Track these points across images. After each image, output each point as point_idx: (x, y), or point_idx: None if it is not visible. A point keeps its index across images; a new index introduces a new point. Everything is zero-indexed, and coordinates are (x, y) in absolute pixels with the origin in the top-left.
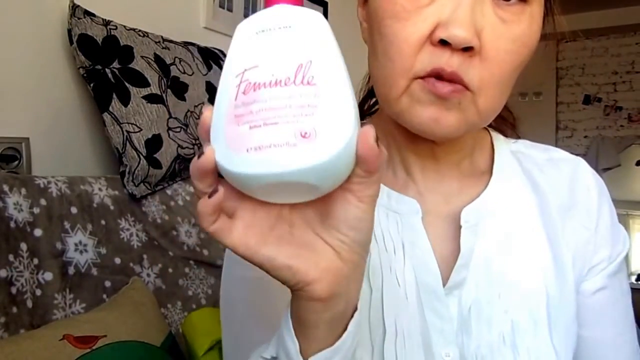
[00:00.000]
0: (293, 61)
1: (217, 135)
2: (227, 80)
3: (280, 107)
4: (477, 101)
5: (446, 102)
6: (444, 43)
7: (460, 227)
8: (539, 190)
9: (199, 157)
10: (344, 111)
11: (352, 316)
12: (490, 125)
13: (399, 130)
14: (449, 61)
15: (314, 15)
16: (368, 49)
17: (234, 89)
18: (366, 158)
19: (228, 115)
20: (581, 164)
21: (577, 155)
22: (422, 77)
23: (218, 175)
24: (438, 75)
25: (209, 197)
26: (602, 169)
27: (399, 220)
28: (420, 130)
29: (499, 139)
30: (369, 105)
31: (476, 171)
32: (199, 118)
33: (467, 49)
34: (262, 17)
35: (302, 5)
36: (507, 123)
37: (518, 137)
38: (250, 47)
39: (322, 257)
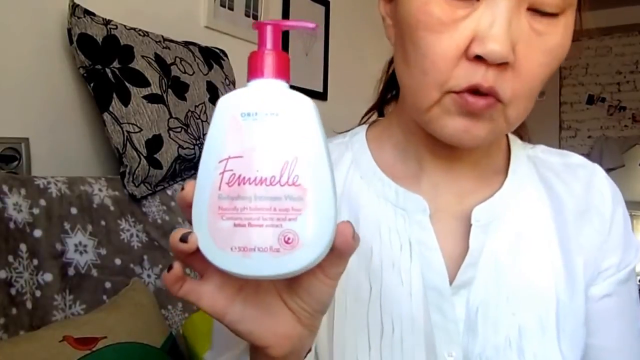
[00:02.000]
0: (279, 158)
1: (200, 220)
2: (210, 163)
3: (264, 209)
4: (506, 112)
5: (478, 115)
6: (479, 58)
7: (470, 226)
8: (554, 194)
9: (181, 239)
10: (326, 214)
11: (305, 357)
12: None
13: (419, 129)
14: (485, 76)
15: (302, 101)
16: (395, 51)
17: (217, 175)
18: (342, 250)
19: (211, 205)
20: (597, 170)
21: (580, 155)
22: (456, 92)
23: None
24: (475, 91)
25: (167, 270)
26: (605, 170)
27: (406, 217)
28: (449, 140)
29: (516, 142)
30: (388, 97)
31: (491, 172)
32: (199, 118)
33: (502, 63)
34: (247, 97)
35: (289, 79)
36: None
37: (528, 137)
38: (234, 132)
39: (282, 324)
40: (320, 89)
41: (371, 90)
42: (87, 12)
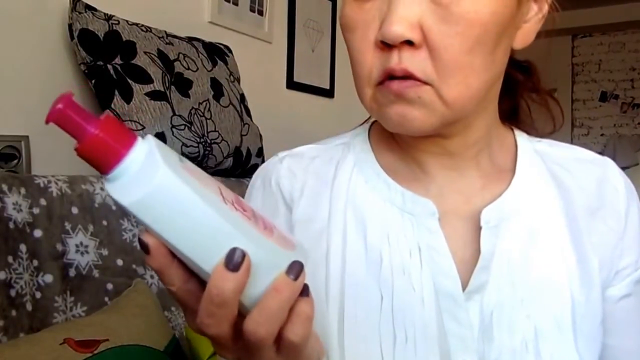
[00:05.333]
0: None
1: (260, 246)
2: (215, 206)
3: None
4: (440, 92)
5: (405, 98)
6: (386, 44)
7: (480, 227)
8: (564, 190)
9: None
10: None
11: None
12: (513, 124)
13: None
14: (396, 59)
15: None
16: None
17: (236, 213)
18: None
19: (257, 231)
20: (610, 164)
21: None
22: (380, 83)
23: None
24: (391, 77)
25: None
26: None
27: (414, 221)
28: (394, 128)
29: (522, 137)
30: None
31: (498, 169)
32: (203, 116)
33: (409, 44)
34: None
35: (134, 136)
36: (549, 119)
37: (549, 135)
38: (193, 178)
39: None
40: (327, 86)
41: None
42: (89, 7)
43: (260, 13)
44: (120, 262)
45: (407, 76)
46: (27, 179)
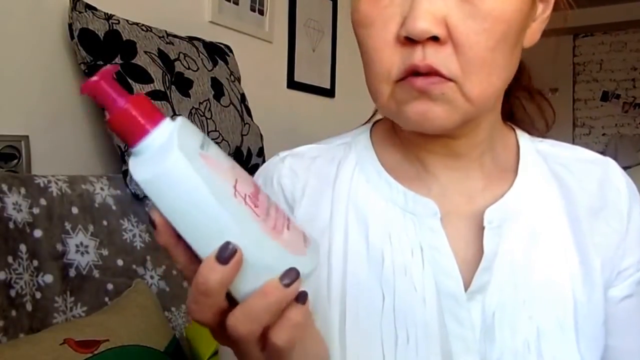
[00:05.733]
0: (236, 168)
1: (266, 248)
2: (220, 197)
3: (278, 209)
4: (463, 89)
5: (428, 95)
6: (410, 40)
7: (483, 228)
8: (567, 190)
9: (285, 284)
10: None
11: None
12: (516, 124)
13: (413, 130)
14: (420, 56)
15: (183, 133)
16: None
17: (245, 206)
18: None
19: (263, 229)
20: (611, 164)
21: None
22: (401, 79)
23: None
24: (415, 73)
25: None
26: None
27: (416, 221)
28: (412, 127)
29: (524, 137)
30: None
31: (500, 170)
32: (203, 115)
33: (435, 39)
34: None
35: (162, 115)
36: (542, 120)
37: (547, 135)
38: (223, 171)
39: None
40: (328, 86)
41: None
42: (89, 7)
43: (261, 12)
44: (120, 262)
45: (431, 73)
46: (27, 179)
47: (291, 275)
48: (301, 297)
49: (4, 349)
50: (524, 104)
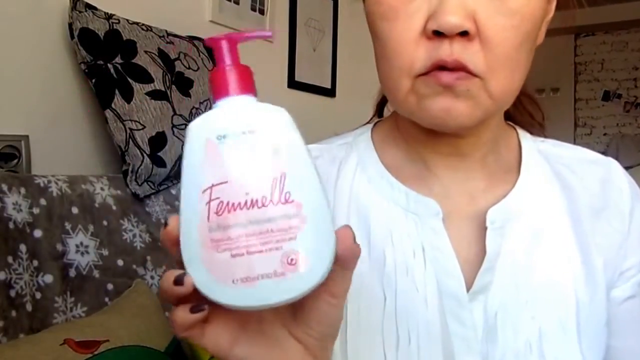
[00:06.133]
0: (266, 176)
1: (191, 258)
2: (192, 194)
3: (262, 232)
4: (487, 86)
5: (453, 91)
6: (438, 34)
7: (485, 228)
8: (569, 190)
9: (175, 282)
10: (324, 225)
11: None
12: (516, 122)
13: (418, 129)
14: (448, 50)
15: (276, 113)
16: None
17: (203, 206)
18: (345, 258)
19: (202, 238)
20: (614, 165)
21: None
22: (424, 74)
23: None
24: (441, 68)
25: (192, 311)
26: None
27: (418, 221)
28: (434, 123)
29: (526, 137)
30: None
31: (503, 169)
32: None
33: (464, 34)
34: (220, 118)
35: (255, 93)
36: (534, 122)
37: (545, 136)
38: (213, 157)
39: (291, 357)
40: (328, 86)
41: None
42: (89, 6)
43: (262, 12)
44: (120, 262)
45: (457, 68)
46: (27, 179)
47: (178, 278)
48: (195, 308)
49: (4, 349)
50: (517, 106)
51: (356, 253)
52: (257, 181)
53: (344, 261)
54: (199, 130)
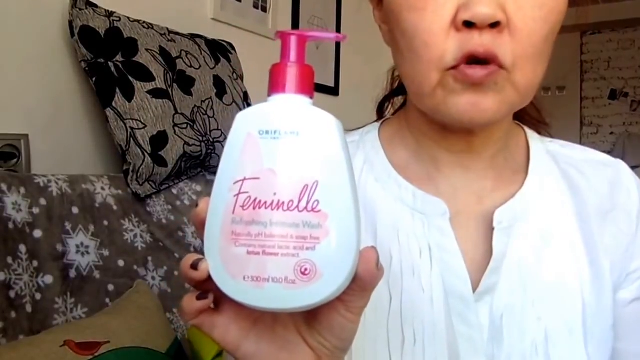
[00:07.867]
0: (298, 181)
1: (212, 245)
2: (225, 183)
3: (281, 236)
4: (513, 79)
5: (481, 85)
6: (469, 25)
7: (492, 228)
8: (577, 191)
9: (191, 266)
10: (347, 243)
11: None
12: (524, 122)
13: (430, 126)
14: (479, 41)
15: (325, 119)
16: (392, 51)
17: (232, 198)
18: (364, 281)
19: (224, 229)
20: (622, 166)
21: (602, 152)
22: (454, 67)
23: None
24: (472, 59)
25: (197, 298)
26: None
27: (425, 221)
28: (460, 119)
29: (534, 137)
30: (392, 103)
31: (511, 169)
32: (206, 114)
33: (495, 25)
34: (267, 113)
35: (312, 95)
36: (534, 121)
37: (550, 135)
38: (252, 151)
39: None
40: (332, 84)
41: (385, 85)
42: (89, 4)
43: (264, 9)
44: (121, 263)
45: (489, 59)
46: (27, 178)
47: (195, 262)
48: (200, 296)
49: (3, 350)
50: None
51: (377, 277)
52: (288, 184)
53: (362, 283)
54: (244, 120)
